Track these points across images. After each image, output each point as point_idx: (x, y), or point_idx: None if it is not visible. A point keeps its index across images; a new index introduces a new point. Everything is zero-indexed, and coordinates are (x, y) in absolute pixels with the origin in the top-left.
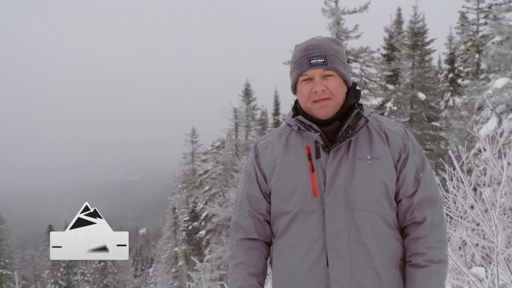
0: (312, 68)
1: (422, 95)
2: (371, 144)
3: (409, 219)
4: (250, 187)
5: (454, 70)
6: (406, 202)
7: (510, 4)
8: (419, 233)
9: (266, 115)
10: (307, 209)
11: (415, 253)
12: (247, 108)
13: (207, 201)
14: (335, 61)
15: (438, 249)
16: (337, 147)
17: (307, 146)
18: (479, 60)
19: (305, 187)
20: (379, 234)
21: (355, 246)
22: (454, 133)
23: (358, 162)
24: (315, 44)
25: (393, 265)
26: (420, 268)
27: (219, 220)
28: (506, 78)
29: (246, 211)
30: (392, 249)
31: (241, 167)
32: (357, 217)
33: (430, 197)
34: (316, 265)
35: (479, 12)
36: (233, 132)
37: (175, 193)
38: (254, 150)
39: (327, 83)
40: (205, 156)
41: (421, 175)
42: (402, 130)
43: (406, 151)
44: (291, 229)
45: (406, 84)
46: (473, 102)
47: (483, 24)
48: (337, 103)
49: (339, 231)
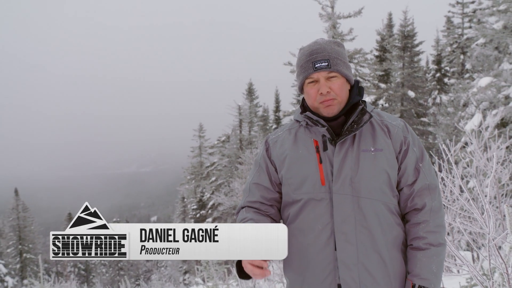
0: (317, 71)
1: (412, 93)
2: (374, 137)
3: (410, 205)
4: (259, 177)
5: (441, 70)
6: (407, 190)
7: (493, 9)
8: (419, 219)
9: (268, 112)
10: (316, 197)
11: (416, 237)
12: (250, 105)
13: (214, 191)
14: (338, 63)
15: (437, 233)
16: (343, 140)
17: (315, 140)
18: (464, 61)
19: (314, 177)
20: (382, 220)
21: (361, 231)
22: (441, 128)
23: (363, 153)
24: (318, 48)
25: (395, 248)
26: (421, 250)
27: (224, 209)
28: (490, 78)
29: (255, 197)
30: (394, 233)
31: (245, 159)
32: (362, 204)
33: (429, 185)
34: (325, 249)
35: (464, 16)
36: (237, 128)
37: (184, 184)
38: (265, 144)
39: (331, 84)
40: (212, 150)
41: (421, 165)
42: (402, 124)
43: (406, 143)
44: (301, 215)
45: (397, 83)
46: (459, 100)
47: (468, 28)
48: (341, 102)
49: (346, 217)
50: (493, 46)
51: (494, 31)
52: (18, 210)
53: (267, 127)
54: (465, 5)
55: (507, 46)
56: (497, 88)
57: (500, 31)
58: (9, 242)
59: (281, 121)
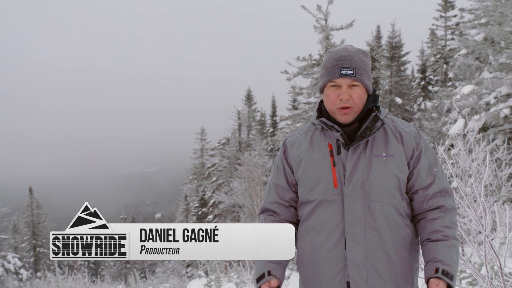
0: (342, 77)
1: (399, 100)
2: (386, 143)
3: (425, 207)
4: (278, 178)
5: (425, 78)
6: (422, 193)
7: (475, 22)
8: (435, 215)
9: (265, 116)
10: (328, 199)
11: (434, 231)
12: (249, 110)
13: (214, 190)
14: (362, 74)
15: (452, 228)
16: (356, 145)
17: (329, 144)
18: (446, 70)
19: (327, 179)
20: (391, 222)
21: (370, 232)
22: (426, 132)
23: (375, 158)
24: (347, 56)
25: (403, 248)
26: (441, 241)
27: (224, 207)
28: (471, 85)
29: (273, 198)
30: (402, 234)
31: (243, 161)
32: (372, 207)
33: (444, 189)
34: (336, 248)
35: (447, 29)
36: (237, 131)
37: (186, 183)
38: (283, 146)
39: (352, 92)
40: (213, 152)
41: (435, 170)
42: (415, 130)
43: (419, 149)
44: (314, 215)
45: (385, 90)
46: (442, 106)
47: (450, 39)
48: (357, 111)
49: (356, 218)
50: (474, 57)
51: (475, 43)
52: (32, 208)
53: (264, 130)
54: (448, 19)
55: (487, 57)
56: (478, 95)
57: (481, 42)
58: (24, 237)
59: (277, 125)
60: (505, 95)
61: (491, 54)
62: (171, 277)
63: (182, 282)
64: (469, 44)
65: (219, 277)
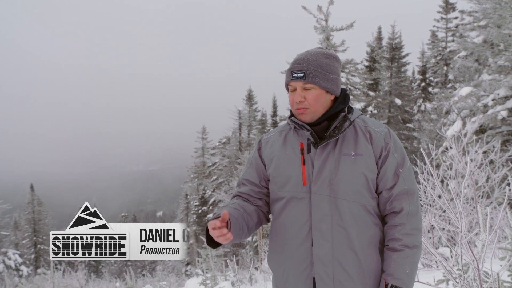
0: (293, 80)
1: (398, 101)
2: (356, 142)
3: (388, 208)
4: (250, 173)
5: (425, 80)
6: (386, 194)
7: (474, 25)
8: (396, 221)
9: (266, 116)
10: (297, 196)
11: (392, 239)
12: (250, 110)
13: (215, 189)
14: (315, 76)
15: (413, 235)
16: (325, 144)
17: (300, 142)
18: (447, 72)
19: (297, 177)
20: (359, 220)
21: (337, 229)
22: (425, 133)
23: (343, 157)
24: (300, 59)
25: (371, 247)
26: (396, 251)
27: (224, 205)
28: (470, 87)
29: (244, 190)
30: (370, 233)
31: (244, 160)
32: (339, 205)
33: (408, 190)
34: (303, 244)
35: (448, 31)
36: (237, 131)
37: (187, 182)
38: (258, 143)
39: (306, 94)
40: (213, 151)
41: (401, 171)
42: (386, 130)
43: (387, 149)
44: (284, 212)
45: (385, 91)
46: (442, 107)
47: (451, 41)
48: (314, 112)
49: (323, 216)
50: (473, 59)
51: (474, 45)
52: (33, 205)
53: (265, 130)
54: (449, 21)
55: (487, 59)
56: (476, 97)
57: (480, 44)
58: (25, 234)
59: (278, 125)
60: (503, 97)
61: (490, 56)
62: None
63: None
64: (468, 46)
65: (215, 276)
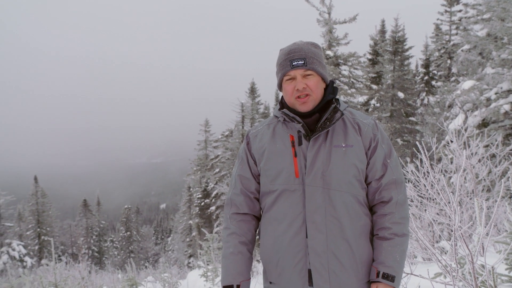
0: (294, 69)
1: (401, 94)
2: (346, 134)
3: (377, 198)
4: (242, 169)
5: (429, 73)
6: (375, 184)
7: (478, 18)
8: (385, 211)
9: (268, 109)
10: (290, 188)
11: (382, 228)
12: (252, 103)
13: (217, 182)
14: (314, 62)
15: (401, 224)
16: (317, 136)
17: (291, 135)
18: (450, 65)
19: (289, 169)
20: (351, 210)
21: (330, 220)
22: (428, 127)
23: (334, 149)
24: (296, 48)
25: (363, 237)
26: (386, 240)
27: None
28: (473, 81)
29: (239, 189)
30: (362, 223)
31: None
32: (332, 196)
33: (396, 180)
34: (297, 236)
35: (451, 24)
36: (240, 124)
37: (190, 174)
38: (246, 138)
39: (307, 81)
40: (216, 143)
41: (389, 161)
42: (373, 122)
43: (375, 140)
44: (276, 205)
45: (387, 85)
46: (444, 101)
47: (455, 35)
48: (316, 98)
49: (317, 207)
50: (477, 52)
51: (478, 38)
52: (37, 196)
53: None
54: (453, 14)
55: (490, 52)
56: (479, 90)
57: (483, 38)
58: (29, 226)
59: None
60: (506, 91)
61: (493, 50)
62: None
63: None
64: (471, 39)
65: (216, 268)
